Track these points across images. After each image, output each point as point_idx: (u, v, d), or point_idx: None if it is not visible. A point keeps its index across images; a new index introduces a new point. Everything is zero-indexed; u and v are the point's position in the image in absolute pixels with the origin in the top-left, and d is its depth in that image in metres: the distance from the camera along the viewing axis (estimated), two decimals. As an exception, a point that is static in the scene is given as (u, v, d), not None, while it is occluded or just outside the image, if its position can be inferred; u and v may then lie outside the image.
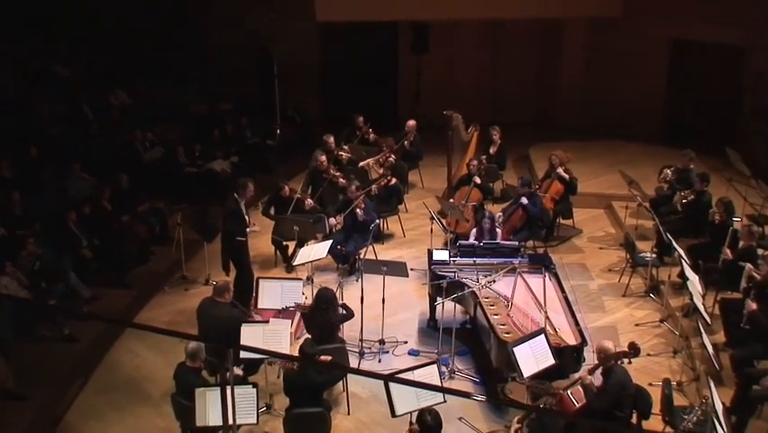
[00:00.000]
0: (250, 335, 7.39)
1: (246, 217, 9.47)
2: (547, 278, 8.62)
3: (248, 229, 9.40)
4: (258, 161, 14.18)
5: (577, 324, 7.93)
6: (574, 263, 10.88)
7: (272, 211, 10.75)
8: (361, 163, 12.61)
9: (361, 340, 8.67)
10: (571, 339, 7.74)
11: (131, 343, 9.08)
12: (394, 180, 11.79)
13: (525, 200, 10.62)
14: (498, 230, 9.94)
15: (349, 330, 8.77)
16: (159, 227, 11.41)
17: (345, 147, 12.94)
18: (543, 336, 7.28)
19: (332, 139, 12.39)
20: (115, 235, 10.53)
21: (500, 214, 10.76)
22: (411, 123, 13.41)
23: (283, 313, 8.23)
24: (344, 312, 8.08)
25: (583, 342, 7.67)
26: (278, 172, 13.80)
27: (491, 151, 12.77)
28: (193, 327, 8.15)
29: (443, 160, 13.07)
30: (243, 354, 7.42)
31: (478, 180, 11.34)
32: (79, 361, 8.63)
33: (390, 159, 12.45)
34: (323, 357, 7.27)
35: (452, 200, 11.37)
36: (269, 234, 10.71)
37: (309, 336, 7.80)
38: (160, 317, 9.62)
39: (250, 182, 9.42)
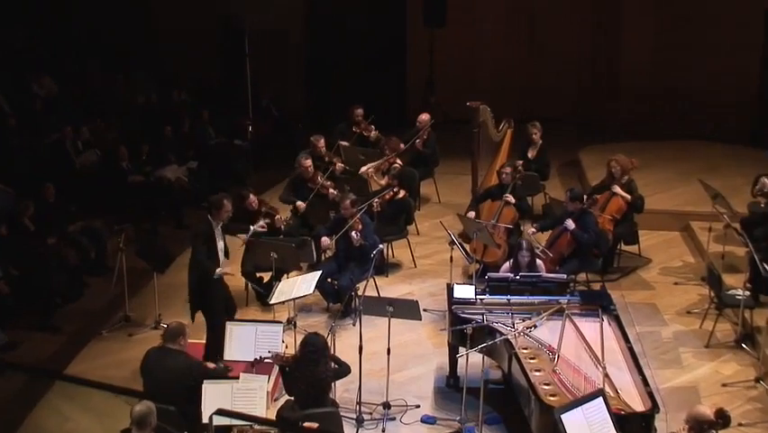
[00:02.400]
0: (214, 394, 7.35)
1: (221, 247, 9.39)
2: (605, 322, 8.53)
3: (218, 270, 9.32)
4: (223, 168, 14.21)
5: (645, 384, 7.87)
6: (641, 303, 10.83)
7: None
8: (362, 170, 12.61)
9: (360, 403, 8.60)
10: (637, 404, 7.67)
11: (59, 402, 9.03)
12: (402, 193, 11.78)
13: (570, 223, 10.58)
14: (539, 262, 9.90)
15: (343, 390, 8.68)
16: (95, 253, 11.41)
17: (343, 145, 12.91)
18: (600, 399, 7.21)
19: (322, 142, 12.42)
20: (39, 263, 10.51)
21: (533, 229, 10.78)
22: (424, 117, 13.45)
23: (257, 366, 8.17)
24: (337, 367, 8.04)
25: (654, 408, 7.59)
26: (250, 182, 13.82)
27: (530, 154, 12.80)
28: (139, 384, 8.10)
29: (466, 165, 13.08)
30: (209, 420, 7.35)
31: (511, 199, 11.31)
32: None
33: (396, 164, 12.46)
34: (307, 424, 7.21)
35: (478, 219, 11.34)
36: (235, 263, 10.68)
37: (290, 398, 7.75)
38: (95, 369, 9.56)
39: (226, 199, 9.37)
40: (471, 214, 11.51)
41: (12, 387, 8.97)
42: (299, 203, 11.52)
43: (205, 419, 7.35)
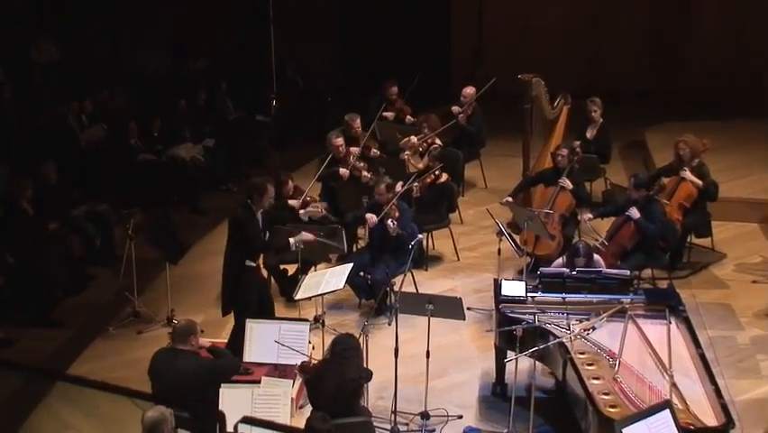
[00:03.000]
0: (233, 400, 7.40)
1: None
2: (673, 325, 8.51)
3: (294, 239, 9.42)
4: (243, 146, 14.27)
5: (718, 395, 7.83)
6: (714, 304, 10.76)
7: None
8: (413, 140, 12.60)
9: (395, 412, 8.60)
10: (709, 418, 7.63)
11: (59, 407, 9.06)
12: (444, 177, 11.78)
13: (635, 212, 10.53)
14: (598, 256, 9.87)
15: (377, 397, 8.71)
16: (100, 240, 11.50)
17: (378, 123, 12.90)
18: (667, 411, 7.19)
19: (358, 122, 12.44)
20: (38, 251, 10.59)
21: (590, 216, 10.72)
22: (469, 90, 13.44)
23: (281, 369, 8.22)
24: (367, 369, 8.06)
25: (728, 422, 7.56)
26: (274, 163, 13.89)
27: (588, 134, 12.76)
28: (149, 387, 8.17)
29: (516, 146, 13.07)
30: (234, 429, 7.40)
31: (567, 184, 11.27)
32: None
33: (436, 144, 12.45)
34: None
35: (529, 206, 11.32)
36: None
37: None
38: (100, 370, 9.60)
39: (270, 184, 9.44)
40: (509, 199, 11.38)
41: (6, 389, 9.02)
42: (343, 170, 11.50)
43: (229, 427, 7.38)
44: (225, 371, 7.93)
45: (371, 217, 10.54)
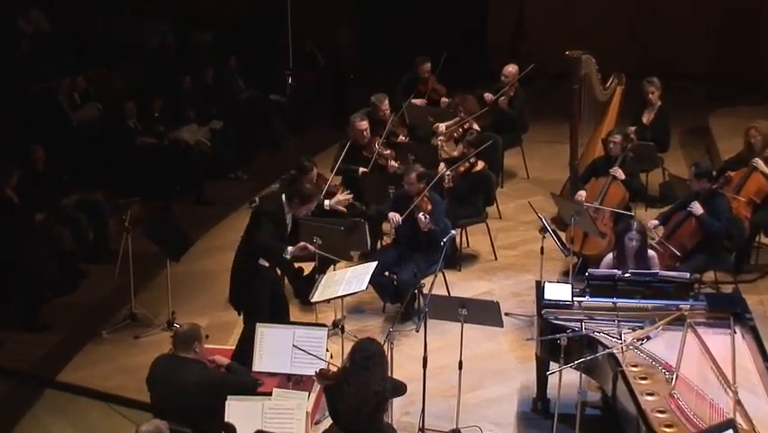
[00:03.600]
0: (241, 413, 7.42)
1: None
2: (738, 335, 8.48)
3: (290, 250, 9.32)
4: (255, 128, 14.30)
5: (788, 413, 7.82)
6: (785, 312, 10.74)
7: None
8: (441, 128, 12.61)
9: (423, 430, 8.64)
10: (777, 439, 7.62)
11: (47, 419, 9.15)
12: (480, 165, 11.78)
13: (697, 208, 10.49)
14: (652, 253, 9.86)
15: (403, 413, 8.73)
16: (93, 233, 11.55)
17: (408, 105, 12.91)
18: (730, 431, 7.18)
19: (386, 104, 12.44)
20: (24, 245, 10.65)
21: (656, 222, 10.72)
22: (511, 69, 13.45)
23: (295, 380, 8.25)
24: (396, 380, 8.06)
25: (799, 444, 7.55)
26: (289, 148, 13.92)
27: (645, 118, 12.75)
28: (147, 397, 8.22)
29: (562, 131, 13.08)
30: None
31: (620, 175, 11.24)
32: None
33: (473, 128, 12.46)
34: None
35: (577, 199, 11.30)
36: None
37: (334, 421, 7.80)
38: (92, 379, 9.65)
39: (316, 197, 9.63)
40: (582, 194, 11.34)
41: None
42: (363, 169, 11.55)
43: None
44: (236, 388, 7.92)
45: (394, 217, 10.56)
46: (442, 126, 12.69)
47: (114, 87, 14.22)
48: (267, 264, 9.41)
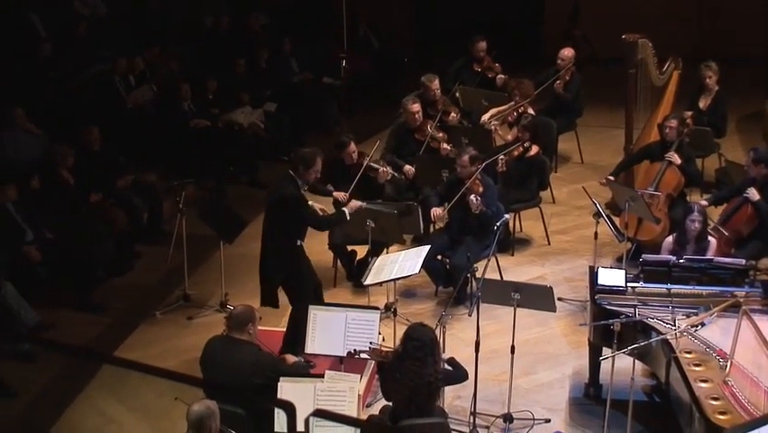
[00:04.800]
0: (293, 396, 7.42)
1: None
2: (794, 322, 8.43)
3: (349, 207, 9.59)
4: (308, 112, 14.33)
5: None
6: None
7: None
8: (483, 118, 12.63)
9: (474, 414, 8.63)
10: (834, 428, 7.56)
11: (101, 400, 9.25)
12: (534, 149, 11.75)
13: (754, 194, 10.41)
14: (711, 239, 9.80)
15: (454, 397, 8.75)
16: (148, 215, 11.67)
17: (461, 88, 12.90)
18: (785, 420, 7.14)
19: (436, 83, 12.42)
20: (79, 226, 10.77)
21: (705, 202, 10.61)
22: (567, 52, 13.40)
23: (347, 363, 8.30)
24: (450, 369, 8.08)
25: None
26: (342, 131, 13.92)
27: (701, 104, 12.65)
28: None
29: (618, 116, 13.02)
30: (306, 425, 7.43)
31: (676, 159, 11.17)
32: (16, 428, 8.86)
33: (528, 112, 12.43)
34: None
35: (632, 186, 11.25)
36: (322, 233, 10.82)
37: (388, 404, 7.84)
38: (146, 359, 9.61)
39: (320, 156, 9.51)
40: (610, 178, 11.28)
41: (41, 379, 9.22)
42: (408, 167, 11.54)
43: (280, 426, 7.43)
44: (289, 371, 7.99)
45: (436, 211, 10.57)
46: (487, 115, 12.62)
47: (169, 69, 14.27)
48: (302, 244, 9.45)
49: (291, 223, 9.38)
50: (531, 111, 12.51)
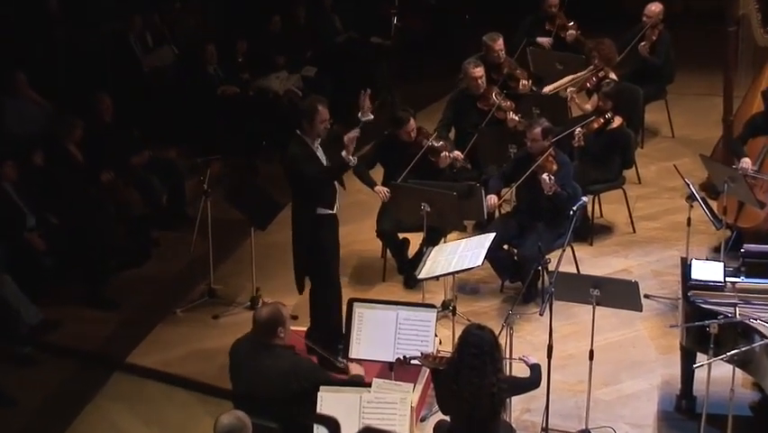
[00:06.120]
0: (334, 407, 7.45)
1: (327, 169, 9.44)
2: None
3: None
4: (354, 76, 14.31)
5: None
6: None
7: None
8: (555, 85, 12.57)
9: (546, 430, 8.66)
10: None
11: (112, 409, 9.32)
12: (617, 121, 11.68)
13: None
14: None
15: (523, 410, 8.76)
16: (167, 197, 11.73)
17: (532, 50, 12.85)
18: None
19: (500, 43, 12.37)
20: (88, 209, 10.84)
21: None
22: (654, 8, 13.35)
23: (398, 369, 8.28)
24: (516, 378, 8.05)
25: None
26: (393, 99, 13.90)
27: (814, 69, 12.51)
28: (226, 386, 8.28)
29: (715, 82, 12.94)
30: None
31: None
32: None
33: (609, 78, 12.35)
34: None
35: (743, 166, 11.15)
36: (370, 218, 10.84)
37: (445, 418, 7.81)
38: (165, 364, 9.74)
39: (321, 104, 9.40)
40: (746, 162, 11.12)
41: (47, 386, 9.26)
42: (457, 153, 11.39)
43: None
44: (332, 383, 7.94)
45: (492, 199, 10.53)
46: (571, 84, 12.54)
47: (192, 27, 14.29)
48: (331, 212, 9.38)
49: (302, 186, 9.32)
50: (613, 76, 12.44)
